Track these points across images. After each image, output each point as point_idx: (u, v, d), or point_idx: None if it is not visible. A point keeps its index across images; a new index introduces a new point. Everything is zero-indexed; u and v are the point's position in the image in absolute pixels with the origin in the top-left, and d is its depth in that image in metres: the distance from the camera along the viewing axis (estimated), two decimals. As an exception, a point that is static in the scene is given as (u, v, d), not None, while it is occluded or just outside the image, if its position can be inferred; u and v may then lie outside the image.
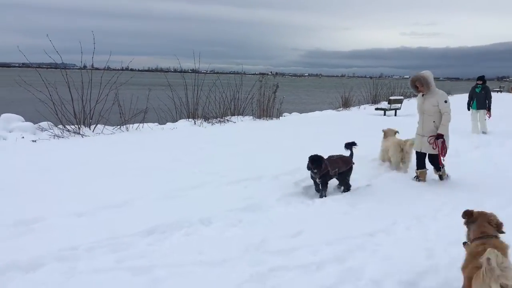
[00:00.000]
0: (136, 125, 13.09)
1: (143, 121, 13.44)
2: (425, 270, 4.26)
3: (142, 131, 12.69)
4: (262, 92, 17.37)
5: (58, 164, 8.03)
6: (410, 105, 24.53)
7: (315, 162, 6.57)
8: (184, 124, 14.50)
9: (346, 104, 24.84)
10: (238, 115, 16.79)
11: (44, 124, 11.85)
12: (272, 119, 17.19)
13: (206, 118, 15.45)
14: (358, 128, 14.37)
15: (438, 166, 7.49)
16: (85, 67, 13.75)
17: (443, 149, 7.22)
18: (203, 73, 17.38)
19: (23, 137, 10.66)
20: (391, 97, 21.78)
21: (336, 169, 6.80)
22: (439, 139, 7.16)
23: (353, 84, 27.43)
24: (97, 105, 12.50)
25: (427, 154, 7.51)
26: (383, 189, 7.13)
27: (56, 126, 11.76)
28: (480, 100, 14.00)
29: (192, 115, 15.68)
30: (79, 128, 11.85)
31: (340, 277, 4.09)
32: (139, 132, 12.53)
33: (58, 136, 11.16)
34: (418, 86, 7.30)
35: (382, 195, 6.80)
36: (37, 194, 6.16)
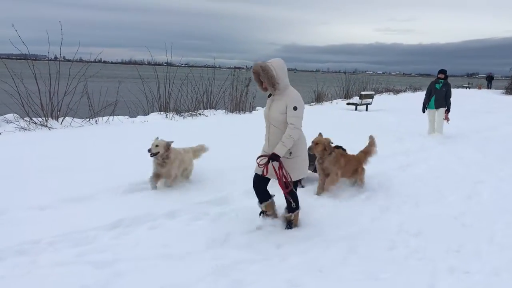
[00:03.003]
0: (105, 118, 12.86)
1: (113, 114, 13.22)
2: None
3: (112, 124, 12.49)
4: (234, 86, 17.33)
5: (22, 157, 7.85)
6: (382, 100, 24.96)
7: None
8: (155, 118, 14.34)
9: (319, 98, 25.03)
10: (210, 108, 16.70)
11: (9, 116, 11.51)
12: (244, 113, 17.18)
13: (178, 112, 15.32)
14: (329, 122, 14.53)
15: (289, 204, 5.06)
16: (56, 58, 13.43)
17: (281, 176, 4.71)
18: (176, 66, 17.19)
19: (-14, 129, 10.36)
20: (363, 92, 22.06)
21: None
22: (273, 161, 4.68)
23: (326, 79, 27.65)
24: (65, 97, 12.21)
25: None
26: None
27: (23, 119, 11.45)
28: (439, 97, 12.06)
29: (164, 108, 15.52)
30: (46, 121, 11.57)
31: (302, 269, 4.17)
32: (109, 125, 12.33)
33: (24, 129, 10.88)
34: (263, 81, 4.83)
35: (346, 189, 6.92)
36: (0, 187, 6.02)
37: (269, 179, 5.06)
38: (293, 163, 4.85)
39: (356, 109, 20.60)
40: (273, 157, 4.66)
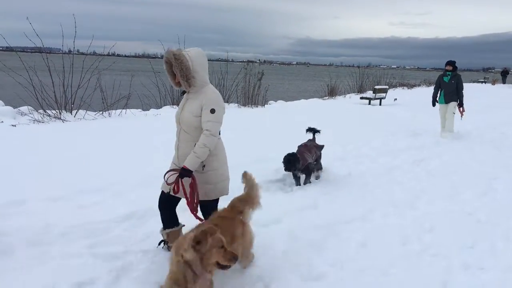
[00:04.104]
0: (118, 111, 12.93)
1: (126, 107, 13.29)
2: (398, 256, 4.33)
3: (125, 117, 12.56)
4: (247, 80, 17.29)
5: (36, 149, 7.92)
6: (396, 94, 24.71)
7: (291, 162, 6.42)
8: (168, 111, 14.35)
9: (332, 93, 24.87)
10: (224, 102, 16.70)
11: (24, 108, 11.64)
12: (257, 106, 17.14)
13: (191, 105, 15.32)
14: (341, 116, 14.44)
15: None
16: (70, 51, 13.51)
17: (192, 196, 3.84)
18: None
19: (2, 122, 10.47)
20: (376, 86, 21.87)
21: (314, 155, 6.82)
22: (184, 176, 3.76)
23: (340, 73, 27.47)
24: (79, 90, 12.30)
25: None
26: (363, 177, 7.19)
27: (37, 111, 11.56)
28: (449, 91, 11.22)
29: (177, 101, 15.55)
30: (60, 113, 11.67)
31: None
32: (122, 118, 12.39)
33: (38, 121, 10.98)
34: (175, 72, 3.85)
35: (361, 184, 6.86)
36: (15, 179, 6.07)
37: (179, 199, 4.11)
38: (205, 179, 3.89)
39: (369, 103, 20.44)
40: (184, 172, 3.73)
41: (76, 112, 12.01)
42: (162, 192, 4.11)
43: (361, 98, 21.53)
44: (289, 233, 4.79)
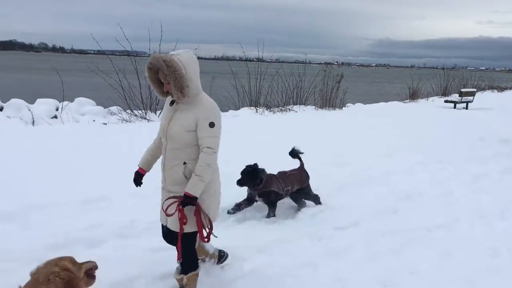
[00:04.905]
0: (199, 111, 13.35)
1: (206, 108, 13.70)
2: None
3: (205, 118, 12.93)
4: (325, 82, 17.14)
5: (125, 147, 8.39)
6: (484, 98, 23.21)
7: (249, 175, 5.15)
8: (246, 112, 14.62)
9: (413, 95, 23.87)
10: (300, 104, 16.69)
11: (113, 108, 12.45)
12: (334, 109, 16.90)
13: (268, 107, 15.49)
14: (424, 120, 13.83)
15: (184, 262, 3.50)
16: (154, 54, 14.20)
17: (200, 228, 3.31)
18: (267, 61, 17.41)
19: (94, 120, 11.27)
20: (463, 89, 20.66)
21: (290, 188, 5.42)
22: (187, 204, 3.19)
23: (422, 75, 26.31)
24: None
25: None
26: (446, 184, 6.84)
27: (125, 111, 12.30)
28: None
29: (255, 103, 15.79)
30: (145, 113, 12.33)
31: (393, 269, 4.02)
32: (202, 119, 12.77)
33: (126, 120, 11.68)
34: (163, 81, 3.26)
35: (444, 191, 6.54)
36: (104, 174, 6.44)
37: (196, 233, 3.40)
38: (202, 202, 3.30)
39: (454, 107, 19.36)
40: (187, 200, 3.17)
41: (160, 112, 12.61)
42: (162, 225, 3.57)
43: (446, 101, 20.45)
44: (367, 236, 4.69)
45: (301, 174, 5.55)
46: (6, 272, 3.54)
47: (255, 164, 5.24)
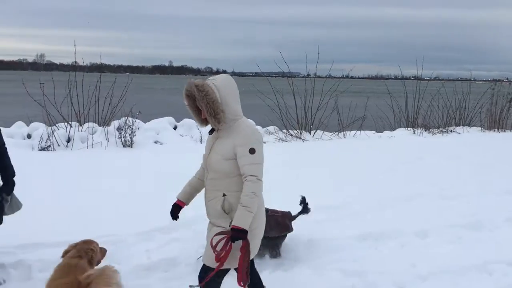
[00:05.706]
0: (353, 132, 13.28)
1: (360, 128, 13.55)
2: None
3: (359, 138, 12.81)
4: (493, 101, 15.60)
5: (279, 164, 8.71)
6: None
7: None
8: (402, 133, 14.05)
9: None
10: (463, 125, 15.44)
11: (271, 128, 13.07)
12: (505, 131, 15.24)
13: (427, 128, 14.65)
14: None
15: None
16: (308, 75, 14.64)
17: (242, 267, 2.98)
18: (426, 80, 16.60)
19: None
20: None
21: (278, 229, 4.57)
22: (237, 239, 2.94)
23: None
24: (318, 112, 13.18)
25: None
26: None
27: (281, 130, 12.83)
28: None
29: (412, 124, 15.10)
30: (300, 133, 12.68)
31: None
32: (356, 139, 12.67)
33: (282, 140, 12.16)
34: (199, 107, 3.12)
35: None
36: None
37: (226, 270, 3.14)
38: (251, 237, 3.04)
39: None
40: (236, 234, 2.92)
41: (315, 133, 12.86)
42: (204, 265, 3.20)
43: None
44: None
45: (283, 219, 4.62)
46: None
47: None
